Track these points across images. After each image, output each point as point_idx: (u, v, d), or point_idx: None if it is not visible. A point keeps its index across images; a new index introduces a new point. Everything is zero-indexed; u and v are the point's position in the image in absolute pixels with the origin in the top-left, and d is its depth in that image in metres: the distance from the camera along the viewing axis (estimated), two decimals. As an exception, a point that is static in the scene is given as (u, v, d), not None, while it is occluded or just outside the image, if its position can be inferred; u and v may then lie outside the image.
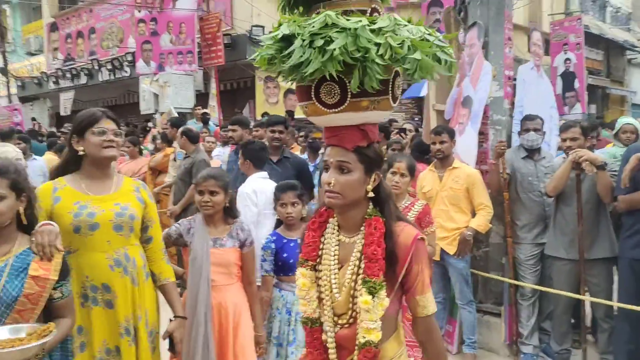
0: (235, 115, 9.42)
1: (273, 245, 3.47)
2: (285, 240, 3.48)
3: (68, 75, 16.81)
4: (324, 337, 1.95)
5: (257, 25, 11.85)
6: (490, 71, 5.12)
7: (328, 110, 1.79)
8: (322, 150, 6.62)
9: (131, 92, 15.09)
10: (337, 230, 1.97)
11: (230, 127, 6.29)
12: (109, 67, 15.18)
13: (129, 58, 14.24)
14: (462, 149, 5.24)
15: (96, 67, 15.76)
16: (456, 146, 5.11)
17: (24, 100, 19.18)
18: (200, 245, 3.08)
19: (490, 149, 5.14)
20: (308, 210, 3.70)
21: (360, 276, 1.85)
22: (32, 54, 20.75)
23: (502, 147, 4.76)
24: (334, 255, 1.93)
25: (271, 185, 3.95)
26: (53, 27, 18.91)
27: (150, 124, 11.66)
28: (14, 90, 19.45)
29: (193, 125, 9.55)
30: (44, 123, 17.41)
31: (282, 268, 3.47)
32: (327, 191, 1.88)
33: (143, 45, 12.92)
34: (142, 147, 8.62)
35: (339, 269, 1.91)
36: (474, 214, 4.82)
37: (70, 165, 2.78)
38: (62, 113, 16.95)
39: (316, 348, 1.95)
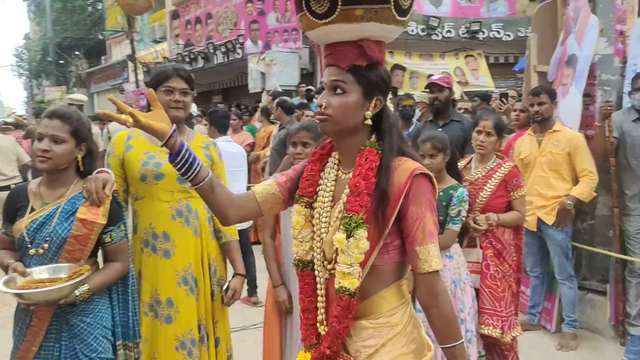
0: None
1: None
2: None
3: (187, 59, 17.65)
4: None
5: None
6: (597, 25, 4.62)
7: (318, 21, 1.62)
8: (415, 118, 6.39)
9: (243, 74, 15.54)
10: (337, 165, 1.79)
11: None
12: (223, 49, 15.74)
13: (241, 40, 14.68)
14: (564, 113, 4.82)
15: (211, 51, 16.41)
16: (558, 109, 4.70)
17: (149, 85, 20.45)
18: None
19: (598, 112, 4.66)
20: None
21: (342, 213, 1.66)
22: (156, 42, 22.02)
23: (609, 108, 4.29)
24: (329, 191, 1.76)
25: (235, 148, 4.37)
26: (174, 15, 19.93)
27: (260, 104, 11.97)
28: (141, 76, 20.81)
29: (297, 102, 9.66)
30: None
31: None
32: (317, 114, 1.72)
33: (251, 25, 13.20)
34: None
35: (332, 206, 1.74)
36: (576, 182, 4.41)
37: None
38: (183, 96, 17.88)
39: (307, 294, 1.78)
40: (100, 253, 2.50)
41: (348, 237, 1.62)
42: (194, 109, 10.29)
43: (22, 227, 2.33)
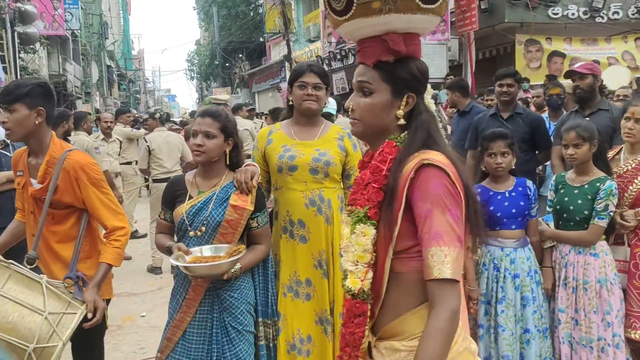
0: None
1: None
2: (491, 193, 3.33)
3: (338, 56, 18.15)
4: None
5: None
6: None
7: (339, 18, 1.56)
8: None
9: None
10: None
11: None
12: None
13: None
14: None
15: (361, 47, 16.75)
16: None
17: (288, 82, 21.27)
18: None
19: None
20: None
21: None
22: (311, 41, 22.89)
23: None
24: None
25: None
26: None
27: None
28: (297, 75, 21.75)
29: (443, 95, 9.51)
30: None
31: (488, 222, 3.32)
32: (349, 117, 1.64)
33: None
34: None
35: None
36: None
37: (288, 112, 3.11)
38: (334, 92, 18.45)
39: None
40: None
41: (352, 232, 1.51)
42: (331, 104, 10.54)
43: (182, 212, 2.66)
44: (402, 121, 1.57)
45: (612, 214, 3.19)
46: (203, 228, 2.64)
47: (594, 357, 3.14)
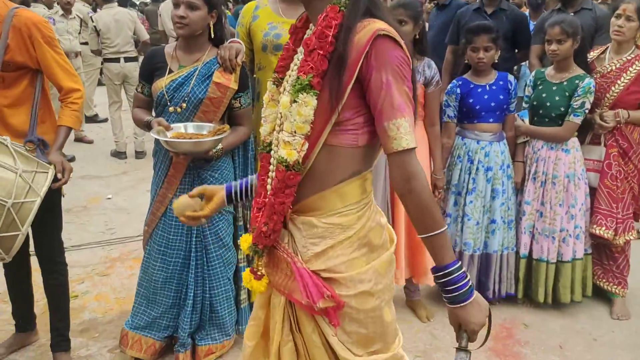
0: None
1: (458, 90, 3.32)
2: (472, 86, 3.31)
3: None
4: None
5: None
6: None
7: None
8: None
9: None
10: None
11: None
12: None
13: None
14: None
15: None
16: None
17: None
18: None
19: None
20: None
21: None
22: None
23: None
24: (299, 64, 1.52)
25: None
26: None
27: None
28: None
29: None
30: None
31: (467, 115, 3.34)
32: None
33: None
34: None
35: None
36: None
37: None
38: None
39: (261, 176, 1.61)
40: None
41: (293, 101, 1.44)
42: None
43: (162, 85, 2.55)
44: None
45: (587, 111, 3.23)
46: (184, 104, 2.55)
47: (555, 246, 3.31)
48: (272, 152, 1.55)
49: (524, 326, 3.26)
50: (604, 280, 3.47)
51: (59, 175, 2.38)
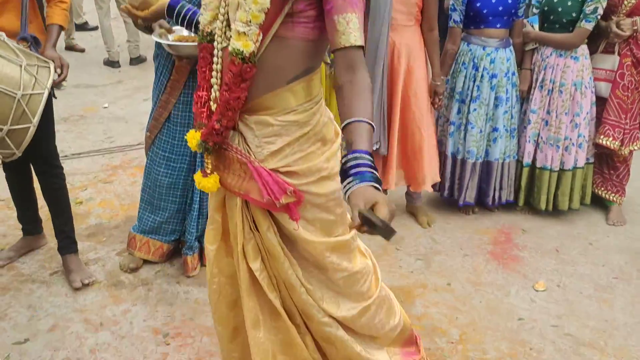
0: None
1: (466, -7, 3.21)
2: (480, -12, 3.20)
3: None
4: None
5: None
6: None
7: None
8: None
9: None
10: None
11: None
12: None
13: None
14: None
15: None
16: None
17: None
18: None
19: None
20: None
21: None
22: None
23: None
24: None
25: None
26: None
27: None
28: None
29: None
30: None
31: (473, 19, 3.24)
32: None
33: None
34: None
35: None
36: None
37: None
38: None
39: (202, 68, 1.55)
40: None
41: None
42: None
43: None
44: None
45: (599, 17, 3.14)
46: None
47: (559, 154, 3.32)
48: (215, 43, 1.50)
49: (522, 231, 3.34)
50: (602, 189, 3.52)
51: (58, 71, 2.35)
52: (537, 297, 2.74)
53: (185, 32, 2.42)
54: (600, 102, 3.36)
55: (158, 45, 2.58)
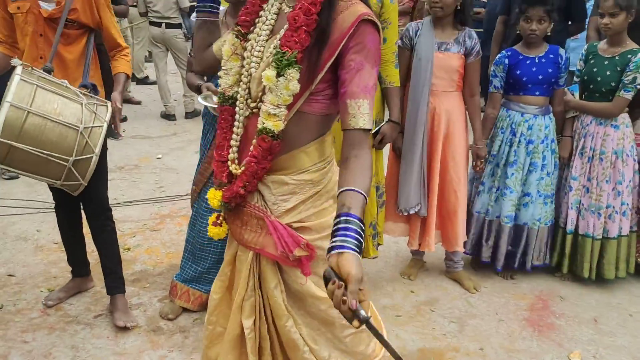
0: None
1: (507, 61, 3.30)
2: (521, 57, 3.28)
3: None
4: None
5: None
6: None
7: None
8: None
9: None
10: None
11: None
12: None
13: None
14: None
15: None
16: None
17: None
18: (426, 47, 3.08)
19: None
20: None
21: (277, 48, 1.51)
22: None
23: None
24: (269, 24, 1.58)
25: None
26: None
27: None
28: None
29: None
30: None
31: (513, 86, 3.32)
32: None
33: None
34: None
35: (267, 41, 1.58)
36: None
37: None
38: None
39: (223, 130, 1.67)
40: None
41: (279, 75, 1.48)
42: None
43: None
44: None
45: (638, 87, 3.17)
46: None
47: (601, 222, 3.30)
48: (237, 108, 1.62)
49: (560, 299, 3.29)
50: (647, 257, 3.45)
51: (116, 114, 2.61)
52: (571, 367, 2.70)
53: None
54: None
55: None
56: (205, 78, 2.79)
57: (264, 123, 1.51)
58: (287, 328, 1.66)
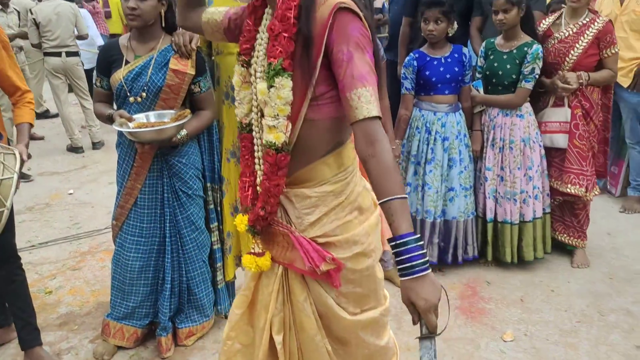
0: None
1: (415, 63, 3.42)
2: (428, 59, 3.42)
3: None
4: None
5: None
6: None
7: None
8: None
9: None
10: (272, 17, 1.57)
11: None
12: None
13: None
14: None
15: None
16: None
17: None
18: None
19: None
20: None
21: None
22: None
23: None
24: (264, 45, 1.56)
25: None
26: None
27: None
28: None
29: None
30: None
31: (424, 87, 3.45)
32: None
33: None
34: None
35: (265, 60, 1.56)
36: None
37: None
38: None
39: (245, 156, 1.68)
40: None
41: (270, 87, 1.48)
42: None
43: (120, 77, 2.56)
44: None
45: (537, 76, 3.38)
46: (144, 94, 2.57)
47: (517, 207, 3.48)
48: (254, 133, 1.63)
49: (486, 284, 3.44)
50: (565, 235, 3.67)
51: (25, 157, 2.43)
52: (506, 347, 2.81)
53: (144, 119, 2.53)
54: (560, 152, 3.55)
55: (120, 134, 2.67)
56: (115, 106, 2.69)
57: (266, 137, 1.51)
58: (316, 342, 1.65)
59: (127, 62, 2.59)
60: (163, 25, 2.64)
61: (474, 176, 3.59)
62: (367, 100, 1.40)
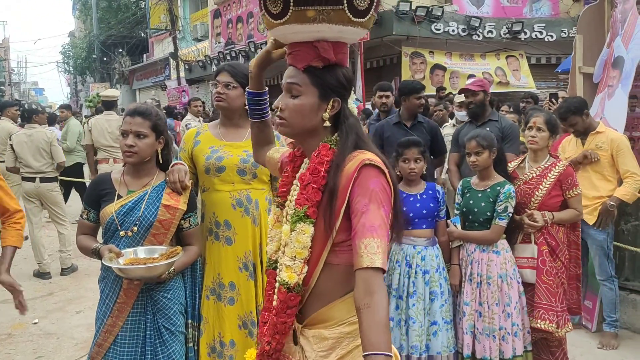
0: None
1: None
2: (404, 195, 3.55)
3: (228, 57, 18.01)
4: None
5: (404, 0, 11.75)
6: (645, 28, 4.68)
7: (274, 21, 1.62)
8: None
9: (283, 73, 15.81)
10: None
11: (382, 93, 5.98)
12: (262, 49, 15.98)
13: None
14: (610, 114, 4.90)
15: (252, 49, 16.71)
16: (604, 110, 4.78)
17: (190, 82, 20.97)
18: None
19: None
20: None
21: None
22: (198, 40, 22.46)
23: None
24: (297, 192, 1.70)
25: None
26: (216, 14, 20.35)
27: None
28: (182, 73, 21.29)
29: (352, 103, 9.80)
30: (208, 103, 18.93)
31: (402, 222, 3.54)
32: (277, 116, 1.73)
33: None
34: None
35: None
36: (620, 183, 4.48)
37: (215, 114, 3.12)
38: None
39: (268, 292, 1.76)
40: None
41: (292, 230, 1.59)
42: None
43: (112, 211, 2.57)
44: (327, 123, 1.68)
45: (511, 214, 3.52)
46: (135, 228, 2.58)
47: (496, 344, 3.45)
48: (277, 270, 1.71)
49: None
50: (543, 373, 3.62)
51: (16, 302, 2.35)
52: None
53: (132, 255, 2.51)
54: (530, 287, 3.59)
55: (105, 269, 2.63)
56: (102, 240, 2.68)
57: (280, 275, 1.61)
58: None
59: (119, 197, 2.62)
60: (159, 162, 2.70)
61: (454, 310, 3.59)
62: (372, 251, 1.46)
